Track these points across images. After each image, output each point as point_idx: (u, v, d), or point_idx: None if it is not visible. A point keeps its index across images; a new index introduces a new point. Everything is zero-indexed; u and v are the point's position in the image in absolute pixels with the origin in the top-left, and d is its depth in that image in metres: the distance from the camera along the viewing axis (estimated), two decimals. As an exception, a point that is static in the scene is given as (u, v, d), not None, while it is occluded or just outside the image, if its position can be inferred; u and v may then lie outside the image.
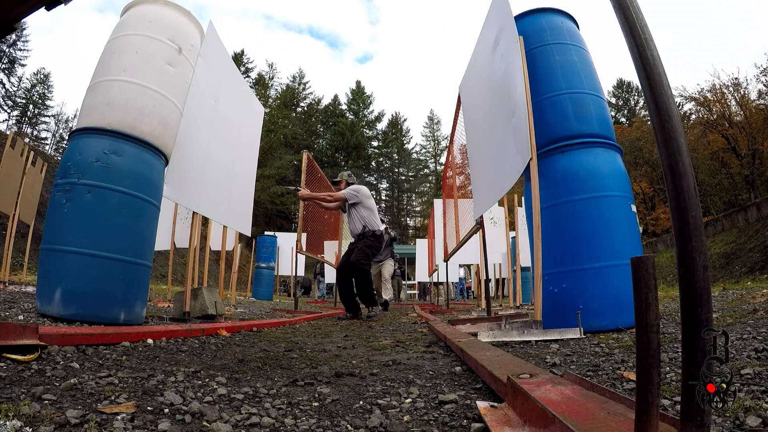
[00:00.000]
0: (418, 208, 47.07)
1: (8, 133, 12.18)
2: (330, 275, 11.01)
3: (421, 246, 13.36)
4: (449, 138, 5.66)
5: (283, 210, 35.15)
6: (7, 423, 0.66)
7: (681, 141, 0.49)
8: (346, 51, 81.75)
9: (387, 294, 7.19)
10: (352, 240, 4.55)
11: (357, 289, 4.30)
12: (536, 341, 1.94)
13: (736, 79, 21.73)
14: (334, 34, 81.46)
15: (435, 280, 11.06)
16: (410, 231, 45.68)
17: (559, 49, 2.58)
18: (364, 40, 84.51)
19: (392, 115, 50.27)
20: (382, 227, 4.68)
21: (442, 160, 40.24)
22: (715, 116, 22.27)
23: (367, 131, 47.82)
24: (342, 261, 4.50)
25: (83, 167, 2.15)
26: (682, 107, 23.94)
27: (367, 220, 4.41)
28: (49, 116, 33.73)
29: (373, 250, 4.41)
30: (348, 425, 0.81)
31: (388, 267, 7.45)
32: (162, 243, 5.43)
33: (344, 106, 48.40)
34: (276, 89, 42.82)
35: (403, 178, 48.63)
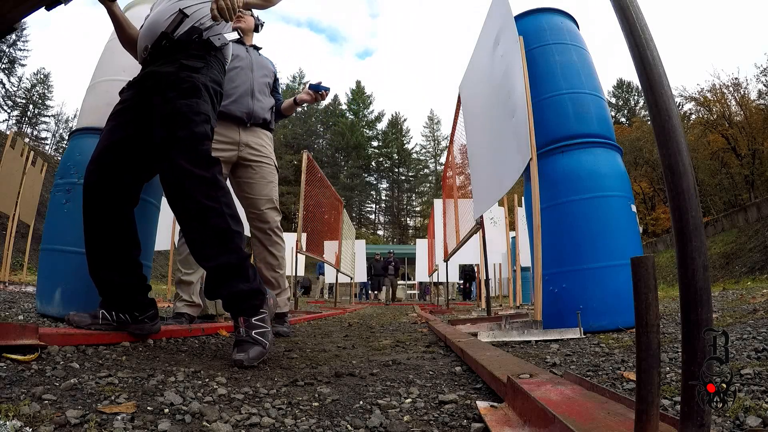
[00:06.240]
0: (418, 208, 47.08)
1: (8, 133, 12.17)
2: (330, 275, 10.99)
3: (421, 246, 13.37)
4: (449, 138, 5.66)
5: (283, 210, 35.08)
6: (7, 423, 0.66)
7: (681, 141, 0.49)
8: (346, 45, 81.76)
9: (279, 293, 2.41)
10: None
11: (193, 243, 1.48)
12: (536, 341, 1.94)
13: (736, 79, 21.78)
14: (333, 28, 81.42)
15: (435, 280, 11.07)
16: (410, 231, 45.70)
17: (559, 49, 2.58)
18: (365, 34, 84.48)
19: (392, 115, 50.38)
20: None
21: (442, 160, 40.22)
22: (715, 116, 22.29)
23: (367, 131, 47.84)
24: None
25: (83, 167, 2.14)
26: (682, 107, 23.96)
27: None
28: (49, 116, 33.79)
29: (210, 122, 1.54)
30: (348, 425, 0.81)
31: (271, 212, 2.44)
32: (162, 243, 5.43)
33: (344, 106, 48.40)
34: (276, 89, 42.78)
35: (403, 178, 48.64)
